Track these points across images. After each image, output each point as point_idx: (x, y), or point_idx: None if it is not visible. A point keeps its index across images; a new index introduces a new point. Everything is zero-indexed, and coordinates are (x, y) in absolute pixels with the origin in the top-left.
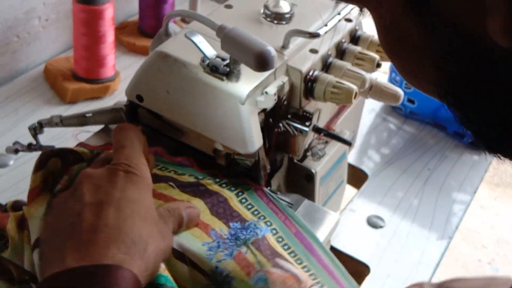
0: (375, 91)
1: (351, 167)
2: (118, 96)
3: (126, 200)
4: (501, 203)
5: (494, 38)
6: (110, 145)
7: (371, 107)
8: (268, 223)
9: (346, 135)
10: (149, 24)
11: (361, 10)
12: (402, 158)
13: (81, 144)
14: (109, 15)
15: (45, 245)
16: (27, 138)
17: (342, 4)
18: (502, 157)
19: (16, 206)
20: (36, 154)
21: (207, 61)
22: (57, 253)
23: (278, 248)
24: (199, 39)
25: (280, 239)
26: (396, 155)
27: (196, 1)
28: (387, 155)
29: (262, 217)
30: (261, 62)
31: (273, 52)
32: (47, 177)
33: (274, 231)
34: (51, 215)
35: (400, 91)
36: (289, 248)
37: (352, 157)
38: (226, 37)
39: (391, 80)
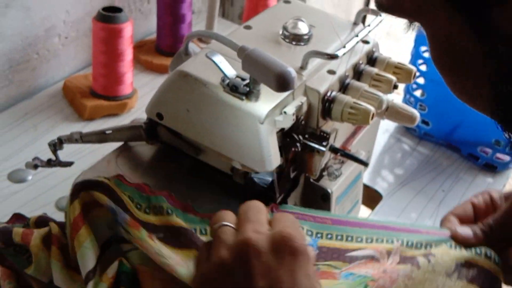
0: (391, 112)
1: (365, 187)
2: (135, 113)
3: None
4: None
5: None
6: (144, 185)
7: (385, 128)
8: (309, 232)
9: (362, 155)
10: (167, 43)
11: (410, 24)
12: (416, 179)
13: (118, 177)
14: (128, 34)
15: None
16: (45, 154)
17: (360, 26)
18: None
19: (40, 221)
20: (55, 170)
21: (227, 81)
22: None
23: (337, 244)
24: (219, 59)
25: (329, 236)
26: (410, 176)
27: (212, 20)
28: (401, 175)
29: None
30: (282, 82)
31: (293, 73)
32: (85, 205)
33: (319, 235)
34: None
35: (416, 113)
36: (342, 236)
37: (366, 177)
38: (247, 58)
39: (406, 101)
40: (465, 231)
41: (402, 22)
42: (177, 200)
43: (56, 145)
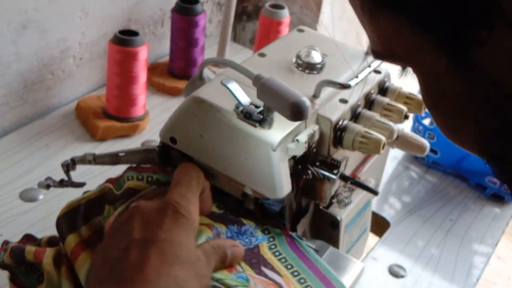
0: (401, 141)
1: (373, 214)
2: (146, 135)
3: (170, 243)
4: None
5: None
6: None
7: (394, 155)
8: (289, 266)
9: (371, 184)
10: (179, 66)
11: (403, 70)
12: (424, 207)
13: (133, 169)
14: (143, 57)
15: (92, 273)
16: (56, 173)
17: (371, 57)
18: None
19: (52, 242)
20: (66, 189)
21: (241, 108)
22: (102, 284)
23: (267, 255)
24: (234, 86)
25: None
26: (418, 204)
27: (225, 44)
28: (409, 203)
29: (289, 266)
30: (296, 112)
31: (307, 102)
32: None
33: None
34: (102, 242)
35: (426, 143)
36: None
37: (373, 205)
38: (262, 86)
39: (415, 129)
40: None
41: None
42: None
43: (69, 166)
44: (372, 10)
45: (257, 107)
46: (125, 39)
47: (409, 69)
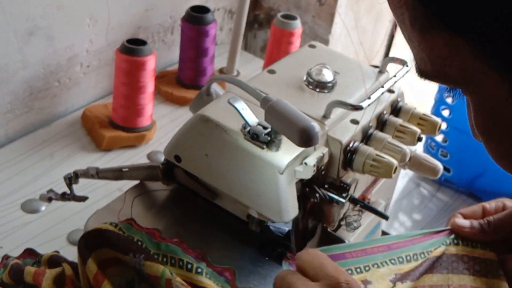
0: (413, 163)
1: (383, 233)
2: (153, 145)
3: None
4: None
5: None
6: (154, 231)
7: (405, 172)
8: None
9: (381, 206)
10: (188, 76)
11: (452, 90)
12: (434, 226)
13: (128, 221)
14: (151, 67)
15: None
16: (60, 184)
17: (385, 74)
18: None
19: (52, 261)
20: (68, 203)
21: (248, 128)
22: None
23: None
24: (241, 106)
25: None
26: (429, 223)
27: (235, 54)
28: (419, 222)
29: None
30: (305, 138)
31: (317, 128)
32: (100, 263)
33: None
34: None
35: (439, 165)
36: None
37: (383, 222)
38: (270, 110)
39: (427, 146)
40: (462, 221)
41: None
42: (189, 248)
43: (71, 179)
44: (424, 27)
45: (265, 128)
46: (132, 48)
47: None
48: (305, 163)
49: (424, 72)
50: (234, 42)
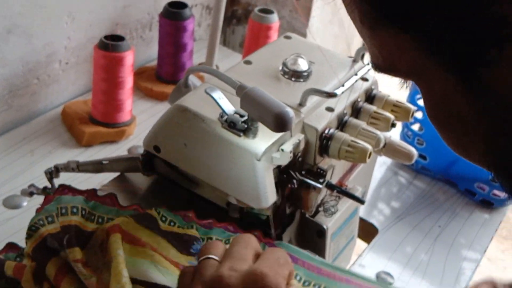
0: (388, 149)
1: (361, 221)
2: (133, 140)
3: None
4: (509, 255)
5: None
6: (137, 206)
7: (382, 161)
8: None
9: (358, 192)
10: (167, 71)
11: (405, 82)
12: (412, 213)
13: (111, 198)
14: (129, 62)
15: None
16: (41, 180)
17: (359, 63)
18: None
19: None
20: None
21: (226, 117)
22: None
23: None
24: (218, 95)
25: (316, 287)
26: (407, 210)
27: (213, 49)
28: (397, 209)
29: None
30: (280, 123)
31: (291, 113)
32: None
33: (306, 283)
34: None
35: (413, 151)
36: None
37: (362, 210)
38: (246, 97)
39: (403, 134)
40: None
41: None
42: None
43: (52, 173)
44: (372, 24)
45: (241, 116)
46: (110, 44)
47: (411, 81)
48: (282, 150)
49: (377, 66)
50: (212, 36)
